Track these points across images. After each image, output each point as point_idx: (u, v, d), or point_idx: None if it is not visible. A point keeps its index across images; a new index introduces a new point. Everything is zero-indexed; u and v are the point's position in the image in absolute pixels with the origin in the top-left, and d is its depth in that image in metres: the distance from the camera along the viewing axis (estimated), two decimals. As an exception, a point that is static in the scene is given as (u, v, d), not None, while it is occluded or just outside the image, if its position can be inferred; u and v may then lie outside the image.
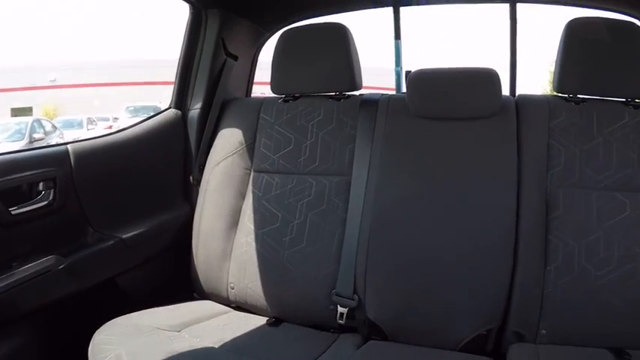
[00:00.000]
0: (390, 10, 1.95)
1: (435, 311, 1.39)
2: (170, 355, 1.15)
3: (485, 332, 1.38)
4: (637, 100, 1.43)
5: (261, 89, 1.97)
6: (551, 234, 1.37)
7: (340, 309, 1.43)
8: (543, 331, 1.35)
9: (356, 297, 1.42)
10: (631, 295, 1.31)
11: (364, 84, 1.60)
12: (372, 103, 1.56)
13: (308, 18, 1.85)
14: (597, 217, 1.36)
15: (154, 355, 1.15)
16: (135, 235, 1.52)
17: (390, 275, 1.41)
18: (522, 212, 1.38)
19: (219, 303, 1.57)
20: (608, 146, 1.39)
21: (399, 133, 1.50)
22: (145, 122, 1.66)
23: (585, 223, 1.36)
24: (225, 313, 1.51)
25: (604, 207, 1.36)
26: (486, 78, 1.47)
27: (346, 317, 1.43)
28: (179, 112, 1.71)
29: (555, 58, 1.51)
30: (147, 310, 1.42)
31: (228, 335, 1.33)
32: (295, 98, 1.62)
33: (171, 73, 1.77)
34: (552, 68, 1.62)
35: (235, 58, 1.74)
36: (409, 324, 1.41)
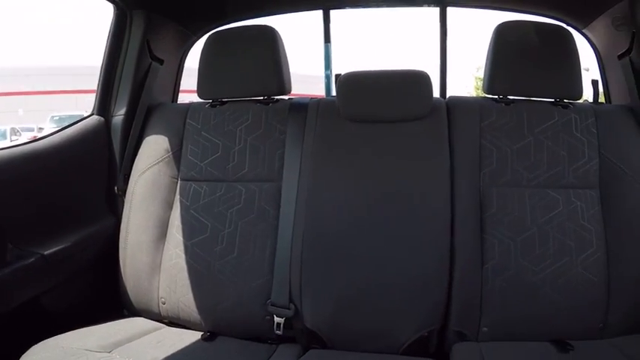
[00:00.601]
0: (319, 13, 1.94)
1: (374, 316, 1.38)
2: None
3: (426, 334, 1.39)
4: (565, 101, 1.49)
5: (190, 98, 1.90)
6: (487, 232, 1.39)
7: (277, 319, 1.40)
8: (485, 329, 1.37)
9: (292, 306, 1.39)
10: (568, 288, 1.35)
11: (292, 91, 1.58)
12: (301, 106, 1.54)
13: (237, 21, 1.80)
14: (531, 214, 1.39)
15: None
16: (57, 250, 1.41)
17: (325, 282, 1.39)
18: (457, 211, 1.40)
19: (151, 319, 1.49)
20: (539, 145, 1.43)
21: (329, 137, 1.48)
22: (66, 130, 1.55)
23: (520, 221, 1.39)
24: (158, 329, 1.44)
25: (537, 204, 1.40)
26: (417, 80, 1.48)
27: (283, 327, 1.39)
28: (102, 118, 1.61)
29: (484, 61, 1.54)
30: (75, 330, 1.32)
31: (161, 353, 1.26)
32: (223, 103, 1.58)
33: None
34: (479, 74, 1.66)
35: (161, 61, 1.67)
36: (348, 330, 1.39)
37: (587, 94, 1.61)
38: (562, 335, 1.34)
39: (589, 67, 1.60)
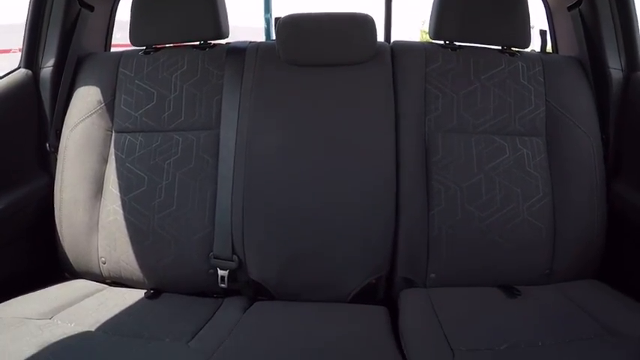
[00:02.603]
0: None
1: (319, 265, 1.36)
2: (40, 347, 1.02)
3: (374, 281, 1.38)
4: (513, 49, 1.47)
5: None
6: (433, 178, 1.37)
7: (220, 272, 1.36)
8: (432, 275, 1.36)
9: (235, 258, 1.36)
10: (514, 235, 1.35)
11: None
12: (239, 51, 1.47)
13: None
14: (477, 161, 1.38)
15: (22, 350, 1.01)
16: None
17: (268, 231, 1.35)
18: (402, 158, 1.38)
19: (93, 280, 1.43)
20: (486, 91, 1.41)
21: (269, 82, 1.42)
22: (-10, 86, 1.45)
23: (466, 167, 1.38)
24: (100, 290, 1.38)
25: (484, 150, 1.38)
26: (361, 23, 1.43)
27: (228, 280, 1.36)
28: (29, 71, 1.50)
29: (431, 8, 1.50)
30: (13, 299, 1.25)
31: (105, 315, 1.21)
32: (157, 50, 1.49)
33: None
34: (424, 27, 1.61)
35: (91, 8, 1.55)
36: (294, 280, 1.36)
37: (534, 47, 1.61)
38: (509, 281, 1.35)
39: (534, 25, 1.56)
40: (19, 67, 1.52)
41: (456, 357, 1.03)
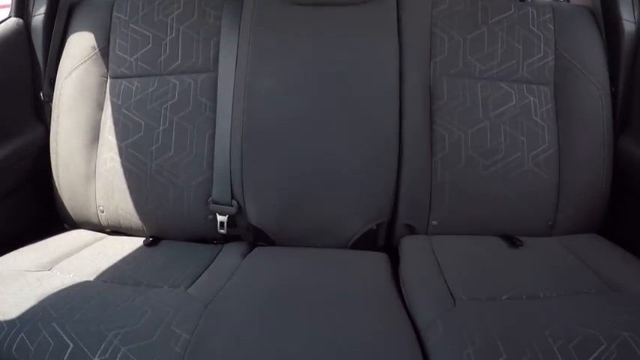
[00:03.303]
0: None
1: (320, 210, 1.34)
2: (39, 298, 1.01)
3: (375, 227, 1.37)
4: None
5: None
6: (436, 123, 1.35)
7: (220, 217, 1.35)
8: (434, 222, 1.35)
9: (235, 203, 1.34)
10: (519, 184, 1.33)
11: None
12: None
13: None
14: (483, 107, 1.35)
15: (20, 302, 1.00)
16: None
17: (268, 175, 1.33)
18: (405, 102, 1.34)
19: (92, 230, 1.42)
20: (493, 36, 1.38)
21: (268, 21, 1.38)
22: (-19, 37, 1.41)
23: (471, 113, 1.35)
24: (99, 240, 1.37)
25: (489, 96, 1.35)
26: None
27: (227, 225, 1.35)
28: (20, 20, 1.46)
29: None
30: (12, 252, 1.24)
31: (103, 264, 1.20)
32: None
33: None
34: None
35: None
36: (294, 226, 1.35)
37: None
38: (511, 232, 1.34)
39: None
40: (9, 17, 1.49)
41: (457, 305, 1.02)
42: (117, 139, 1.37)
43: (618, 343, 0.88)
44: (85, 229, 1.43)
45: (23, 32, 1.46)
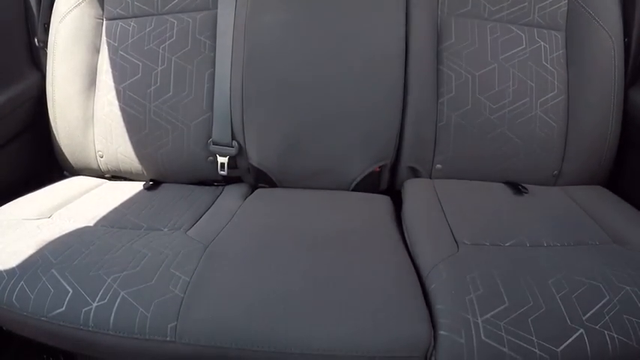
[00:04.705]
0: None
1: (321, 150, 1.33)
2: (39, 246, 1.00)
3: (378, 169, 1.35)
4: None
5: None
6: (444, 64, 1.32)
7: (220, 159, 1.33)
8: (439, 166, 1.34)
9: (235, 143, 1.33)
10: (526, 130, 1.31)
11: None
12: None
13: None
14: (492, 49, 1.32)
15: (20, 250, 0.99)
16: None
17: (269, 116, 1.31)
18: (412, 41, 1.31)
19: (92, 176, 1.41)
20: None
21: None
22: (-31, -21, 1.38)
23: (479, 54, 1.32)
24: (99, 185, 1.36)
25: (499, 39, 1.32)
26: None
27: (228, 167, 1.34)
28: None
29: None
30: (13, 201, 1.23)
31: (103, 209, 1.19)
32: None
33: None
34: None
35: None
36: (296, 167, 1.34)
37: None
38: (516, 179, 1.33)
39: None
40: (0, -39, 1.45)
41: (460, 250, 1.01)
42: (114, 82, 1.35)
43: (621, 296, 0.87)
44: (84, 175, 1.42)
45: None
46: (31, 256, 0.97)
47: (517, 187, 1.28)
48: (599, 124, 1.33)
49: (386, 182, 1.39)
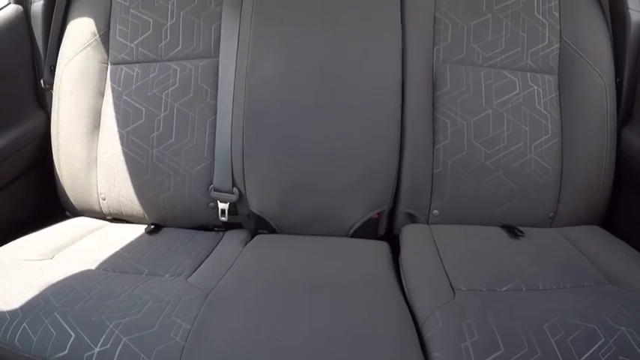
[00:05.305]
0: None
1: (320, 197, 1.33)
2: (41, 287, 1.01)
3: (376, 215, 1.36)
4: None
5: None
6: (439, 111, 1.33)
7: (221, 205, 1.34)
8: (435, 212, 1.34)
9: (236, 190, 1.33)
10: (520, 174, 1.32)
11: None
12: None
13: None
14: (486, 95, 1.33)
15: (22, 291, 1.00)
16: None
17: (269, 162, 1.32)
18: (408, 89, 1.33)
19: (94, 218, 1.42)
20: (498, 24, 1.36)
21: (270, 6, 1.36)
22: (-20, 25, 1.40)
23: (474, 101, 1.33)
24: (100, 228, 1.37)
25: (493, 84, 1.34)
26: None
27: (229, 213, 1.35)
28: (19, 7, 1.45)
29: None
30: (14, 241, 1.24)
31: (105, 253, 1.19)
32: None
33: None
34: None
35: None
36: (296, 213, 1.34)
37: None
38: (512, 222, 1.33)
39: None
40: (8, 4, 1.47)
41: (456, 296, 1.01)
42: (118, 126, 1.36)
43: (616, 337, 0.87)
44: (86, 216, 1.43)
45: (23, 19, 1.45)
46: (34, 298, 0.98)
47: (513, 231, 1.29)
48: (593, 165, 1.33)
49: (384, 228, 1.40)
